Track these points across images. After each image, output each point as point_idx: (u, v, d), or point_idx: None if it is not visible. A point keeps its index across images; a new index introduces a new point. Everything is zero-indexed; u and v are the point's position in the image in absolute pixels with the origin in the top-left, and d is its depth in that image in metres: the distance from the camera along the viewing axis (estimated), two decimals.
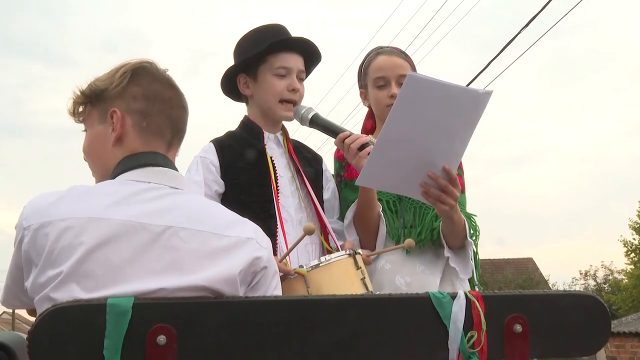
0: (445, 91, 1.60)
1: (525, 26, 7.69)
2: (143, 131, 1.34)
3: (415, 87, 1.58)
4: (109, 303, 1.06)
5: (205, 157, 1.93)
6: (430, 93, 1.59)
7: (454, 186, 1.74)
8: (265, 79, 1.95)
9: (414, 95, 1.58)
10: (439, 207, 1.78)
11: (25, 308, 1.33)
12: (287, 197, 1.94)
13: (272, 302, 1.19)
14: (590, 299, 1.27)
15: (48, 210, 1.18)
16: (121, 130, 1.33)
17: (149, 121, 1.34)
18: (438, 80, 1.58)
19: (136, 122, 1.33)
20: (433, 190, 1.74)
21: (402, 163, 1.68)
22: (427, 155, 1.69)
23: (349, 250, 1.66)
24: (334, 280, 1.56)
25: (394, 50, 2.15)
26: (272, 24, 2.01)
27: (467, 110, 1.64)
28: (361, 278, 1.61)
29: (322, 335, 1.15)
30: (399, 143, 1.64)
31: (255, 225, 1.34)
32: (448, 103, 1.61)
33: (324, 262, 1.60)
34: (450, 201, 1.76)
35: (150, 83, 1.37)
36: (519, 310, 1.22)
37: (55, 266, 1.13)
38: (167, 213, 1.23)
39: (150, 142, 1.34)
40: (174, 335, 1.07)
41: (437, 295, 1.20)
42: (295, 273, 1.59)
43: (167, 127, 1.36)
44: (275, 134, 2.03)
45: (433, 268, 2.00)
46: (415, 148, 1.66)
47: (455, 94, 1.61)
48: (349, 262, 1.62)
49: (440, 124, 1.63)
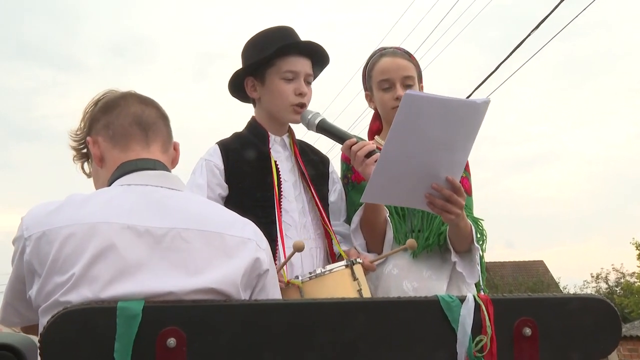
0: (443, 105, 1.60)
1: (536, 28, 7.67)
2: (113, 139, 1.38)
3: (413, 105, 1.58)
4: (119, 306, 1.07)
5: (210, 160, 1.94)
6: (428, 109, 1.59)
7: (459, 195, 1.74)
8: (272, 82, 1.95)
9: (411, 113, 1.59)
10: (445, 216, 1.78)
11: (24, 325, 1.33)
12: (290, 202, 1.93)
13: (280, 305, 1.20)
14: (600, 302, 1.27)
15: (49, 219, 1.18)
16: (98, 151, 1.39)
17: (113, 128, 1.39)
18: (434, 96, 1.58)
19: (105, 136, 1.39)
20: (438, 200, 1.73)
21: (405, 177, 1.69)
22: (430, 167, 1.69)
23: (347, 261, 1.65)
24: (328, 292, 1.55)
25: (398, 51, 2.13)
26: (280, 27, 2.01)
27: (466, 121, 1.64)
28: (357, 289, 1.60)
29: (331, 339, 1.15)
30: (401, 159, 1.65)
31: (254, 226, 1.36)
32: (446, 116, 1.61)
33: (319, 273, 1.60)
34: (456, 210, 1.75)
35: (106, 100, 1.45)
36: (528, 313, 1.21)
37: (62, 272, 1.14)
38: (169, 215, 1.24)
39: (126, 146, 1.37)
40: (183, 338, 1.07)
41: (445, 298, 1.20)
42: (290, 284, 1.60)
43: (132, 125, 1.39)
44: (281, 137, 2.03)
45: (440, 273, 1.99)
46: (417, 162, 1.67)
47: (453, 107, 1.61)
48: (346, 273, 1.62)
49: (441, 137, 1.63)
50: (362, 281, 1.63)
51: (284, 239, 1.84)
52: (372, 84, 2.13)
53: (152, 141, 1.39)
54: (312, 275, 1.60)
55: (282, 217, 1.89)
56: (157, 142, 1.40)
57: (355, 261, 1.66)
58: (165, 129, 1.44)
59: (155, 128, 1.41)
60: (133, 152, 1.36)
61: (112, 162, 1.37)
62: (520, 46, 7.95)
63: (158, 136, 1.41)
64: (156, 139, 1.40)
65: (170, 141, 1.46)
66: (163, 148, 1.41)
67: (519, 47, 7.98)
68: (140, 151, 1.37)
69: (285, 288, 1.62)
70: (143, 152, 1.37)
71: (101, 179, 1.41)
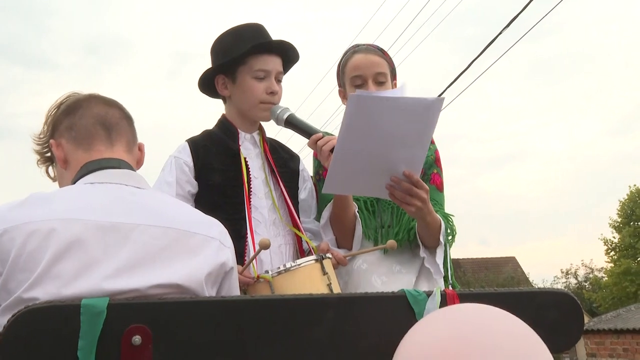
0: (392, 104, 1.60)
1: (506, 27, 7.76)
2: (76, 140, 1.37)
3: (359, 105, 1.58)
4: (83, 304, 1.05)
5: (179, 157, 1.93)
6: (377, 108, 1.59)
7: (419, 188, 1.74)
8: (244, 81, 1.95)
9: (360, 113, 1.59)
10: (406, 208, 1.79)
11: None
12: (260, 199, 1.93)
13: (248, 302, 1.19)
14: (564, 295, 1.29)
15: (11, 216, 1.16)
16: (62, 154, 1.38)
17: (76, 129, 1.38)
18: (382, 95, 1.60)
19: (68, 138, 1.38)
20: (398, 192, 1.74)
21: (364, 171, 1.71)
22: (387, 162, 1.70)
23: (316, 255, 1.65)
24: (298, 286, 1.56)
25: (371, 48, 2.13)
26: (250, 24, 2.00)
27: (420, 118, 1.64)
28: (327, 284, 1.60)
29: (299, 335, 1.16)
30: (356, 155, 1.66)
31: (221, 226, 1.36)
32: (397, 115, 1.61)
33: (289, 268, 1.60)
34: (416, 202, 1.76)
35: (69, 102, 1.43)
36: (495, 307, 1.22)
37: (25, 270, 1.12)
38: (134, 211, 1.23)
39: (89, 146, 1.36)
40: (149, 335, 1.06)
41: (412, 293, 1.21)
42: (260, 279, 1.60)
43: (94, 125, 1.38)
44: (251, 134, 2.02)
45: (409, 267, 2.01)
46: (374, 157, 1.68)
47: (403, 106, 1.62)
48: (316, 267, 1.62)
49: (394, 135, 1.64)
50: (331, 275, 1.64)
51: (253, 235, 1.84)
52: (345, 81, 2.13)
53: (115, 141, 1.38)
54: (281, 269, 1.60)
55: (252, 214, 1.89)
56: (121, 142, 1.39)
57: (325, 256, 1.66)
58: (129, 129, 1.43)
59: (119, 128, 1.40)
60: (97, 152, 1.35)
61: (76, 162, 1.36)
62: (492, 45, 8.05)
63: (122, 136, 1.40)
64: (120, 139, 1.39)
65: (135, 142, 1.45)
66: (127, 148, 1.41)
67: (489, 46, 8.07)
68: (104, 151, 1.36)
69: (255, 283, 1.61)
70: (107, 152, 1.36)
71: (66, 180, 1.40)
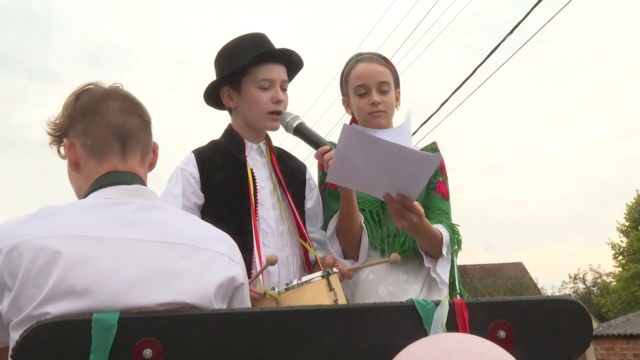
0: (386, 147, 1.54)
1: (509, 33, 7.77)
2: (90, 150, 1.35)
3: (351, 137, 1.56)
4: (94, 318, 1.06)
5: (185, 168, 1.93)
6: (367, 144, 1.56)
7: (411, 212, 1.72)
8: (249, 91, 1.95)
9: (351, 144, 1.57)
10: (398, 221, 1.76)
11: None
12: (267, 210, 1.93)
13: (257, 314, 1.20)
14: (572, 303, 1.29)
15: (20, 231, 1.16)
16: (74, 156, 1.37)
17: (91, 137, 1.35)
18: (372, 135, 1.55)
19: (82, 143, 1.36)
20: (395, 203, 1.72)
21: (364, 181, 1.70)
22: (383, 183, 1.68)
23: (323, 271, 1.65)
24: (304, 303, 1.55)
25: (374, 57, 2.14)
26: (253, 34, 2.01)
27: (414, 167, 1.59)
28: (333, 300, 1.60)
29: (308, 346, 1.16)
30: (352, 174, 1.65)
31: (231, 241, 1.36)
32: (392, 157, 1.57)
33: (296, 285, 1.60)
34: (411, 219, 1.74)
35: (88, 101, 1.39)
36: (503, 316, 1.23)
37: (35, 285, 1.12)
38: (143, 227, 1.23)
39: (102, 159, 1.34)
40: (160, 349, 1.07)
41: (421, 302, 1.21)
42: (267, 295, 1.60)
43: (110, 137, 1.35)
44: (258, 144, 2.02)
45: (416, 277, 2.00)
46: (370, 176, 1.66)
47: (397, 153, 1.56)
48: (322, 284, 1.62)
49: (385, 169, 1.61)
50: (338, 291, 1.63)
51: (260, 247, 1.84)
52: (349, 90, 2.14)
53: (130, 154, 1.36)
54: (288, 286, 1.61)
55: (259, 225, 1.89)
56: (135, 155, 1.38)
57: (332, 271, 1.65)
58: (145, 137, 1.41)
59: (135, 139, 1.38)
60: (110, 165, 1.34)
61: (89, 172, 1.35)
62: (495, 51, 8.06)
63: (137, 148, 1.38)
64: (134, 152, 1.37)
65: (149, 148, 1.43)
66: (141, 158, 1.39)
67: (493, 52, 8.08)
68: (117, 164, 1.35)
69: (262, 299, 1.62)
70: (121, 165, 1.35)
71: (75, 182, 1.40)
